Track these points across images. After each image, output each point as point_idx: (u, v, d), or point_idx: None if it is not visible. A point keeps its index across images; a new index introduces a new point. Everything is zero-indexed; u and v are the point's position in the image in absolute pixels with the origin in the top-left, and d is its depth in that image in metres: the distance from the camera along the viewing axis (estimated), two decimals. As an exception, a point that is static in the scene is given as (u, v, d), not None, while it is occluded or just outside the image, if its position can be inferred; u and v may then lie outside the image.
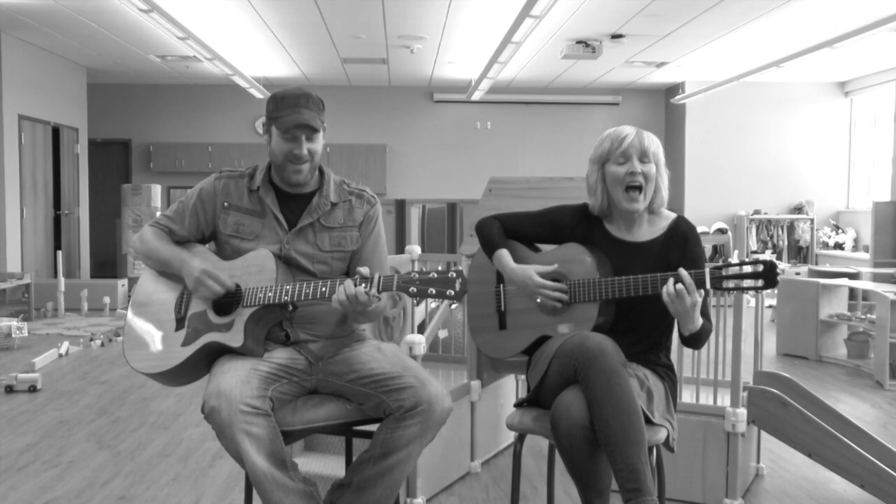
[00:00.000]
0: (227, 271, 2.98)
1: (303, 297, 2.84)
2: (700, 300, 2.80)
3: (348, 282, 2.77)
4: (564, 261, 3.11)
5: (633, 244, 3.09)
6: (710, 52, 12.43)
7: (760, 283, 2.74)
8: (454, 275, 2.71)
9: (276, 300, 2.86)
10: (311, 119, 2.98)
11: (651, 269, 2.95)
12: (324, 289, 2.83)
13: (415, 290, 2.72)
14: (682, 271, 2.81)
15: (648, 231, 3.11)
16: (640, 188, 3.03)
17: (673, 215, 3.15)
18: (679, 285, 2.78)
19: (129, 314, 3.12)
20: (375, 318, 3.07)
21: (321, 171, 3.15)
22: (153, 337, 3.03)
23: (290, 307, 2.96)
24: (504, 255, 3.22)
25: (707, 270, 2.79)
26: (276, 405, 2.81)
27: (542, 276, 3.10)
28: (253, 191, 3.09)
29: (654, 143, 3.07)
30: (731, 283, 2.78)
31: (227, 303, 2.94)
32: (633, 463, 2.60)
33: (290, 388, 2.91)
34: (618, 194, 3.05)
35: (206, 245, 3.18)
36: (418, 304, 4.78)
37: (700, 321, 2.86)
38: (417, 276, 2.73)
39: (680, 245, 3.05)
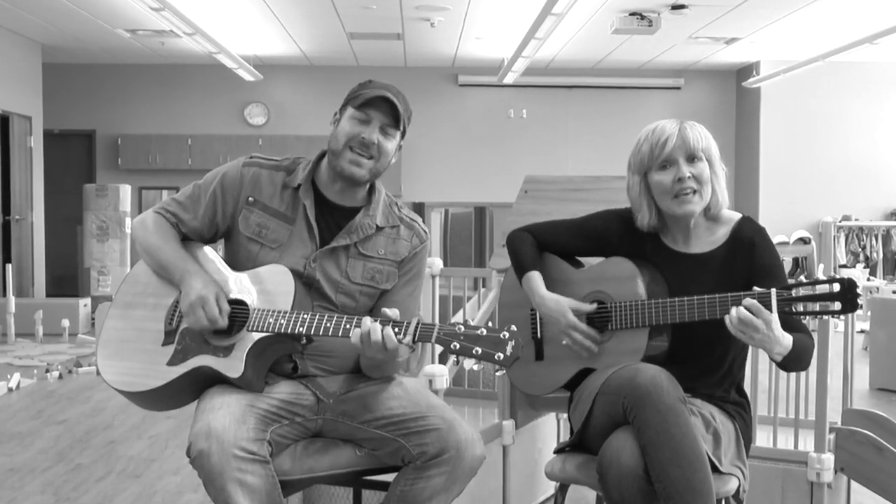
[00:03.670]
0: (234, 283, 2.95)
1: (321, 333, 2.80)
2: (774, 318, 2.72)
3: (375, 324, 2.72)
4: (608, 278, 3.12)
5: (691, 257, 3.09)
6: (790, 26, 12.41)
7: (837, 306, 2.69)
8: (506, 335, 2.63)
9: (289, 330, 2.80)
10: (398, 107, 3.01)
11: (714, 286, 2.92)
12: (349, 326, 2.77)
13: (458, 345, 2.64)
14: (746, 298, 2.76)
15: (707, 241, 3.10)
16: (693, 192, 3.01)
17: (736, 217, 3.12)
18: (741, 309, 2.73)
19: (111, 313, 3.07)
20: (393, 373, 3.00)
21: (372, 186, 3.14)
22: (134, 348, 2.97)
23: (304, 340, 2.88)
24: (534, 278, 3.23)
25: (773, 293, 2.74)
26: (274, 450, 2.80)
27: (579, 312, 3.12)
28: (289, 188, 3.05)
29: (703, 138, 3.03)
30: (801, 307, 2.73)
31: (229, 321, 2.89)
32: (698, 519, 2.61)
33: (291, 431, 2.90)
34: (666, 202, 3.04)
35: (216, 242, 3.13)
36: (458, 363, 4.73)
37: (788, 339, 2.78)
38: (463, 328, 2.66)
39: (746, 253, 3.03)
